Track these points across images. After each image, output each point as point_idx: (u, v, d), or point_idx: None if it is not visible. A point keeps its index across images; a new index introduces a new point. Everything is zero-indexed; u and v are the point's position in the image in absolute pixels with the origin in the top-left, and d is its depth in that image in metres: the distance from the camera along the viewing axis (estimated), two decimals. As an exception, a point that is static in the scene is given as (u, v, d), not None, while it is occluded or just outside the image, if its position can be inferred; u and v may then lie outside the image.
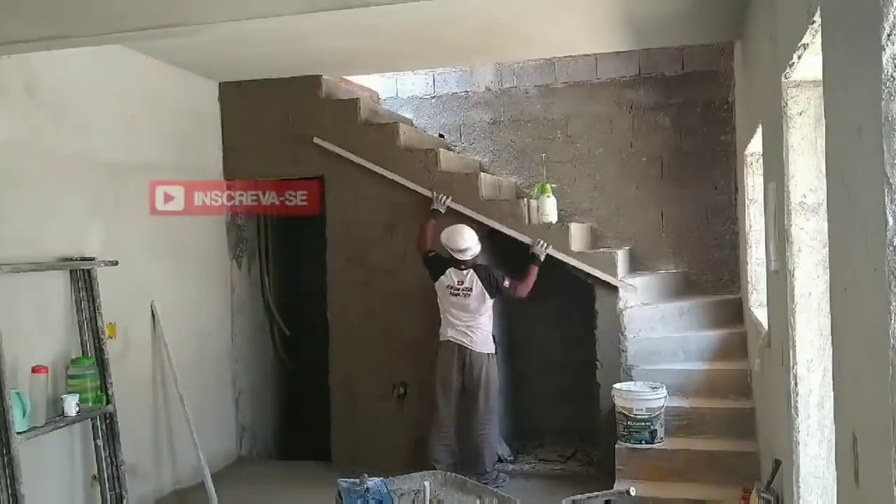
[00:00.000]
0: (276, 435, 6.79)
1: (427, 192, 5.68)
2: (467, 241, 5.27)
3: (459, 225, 5.39)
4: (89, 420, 4.51)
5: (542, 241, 5.49)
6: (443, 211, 5.61)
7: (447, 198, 5.62)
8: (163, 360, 5.27)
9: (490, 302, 5.34)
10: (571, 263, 5.54)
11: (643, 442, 4.91)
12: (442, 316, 5.40)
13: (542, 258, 5.44)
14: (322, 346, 6.06)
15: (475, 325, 5.32)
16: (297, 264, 7.05)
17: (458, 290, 5.30)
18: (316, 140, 5.88)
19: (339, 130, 5.94)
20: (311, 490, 5.28)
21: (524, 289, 5.37)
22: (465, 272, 5.29)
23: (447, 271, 5.33)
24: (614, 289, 5.46)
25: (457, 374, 5.32)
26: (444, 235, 5.33)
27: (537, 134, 6.80)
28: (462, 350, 5.31)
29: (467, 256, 5.27)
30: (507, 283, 5.32)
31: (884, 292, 1.38)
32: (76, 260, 4.53)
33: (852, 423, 1.76)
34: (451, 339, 5.34)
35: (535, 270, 5.42)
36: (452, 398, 5.36)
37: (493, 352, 5.40)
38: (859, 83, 1.55)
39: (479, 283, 5.27)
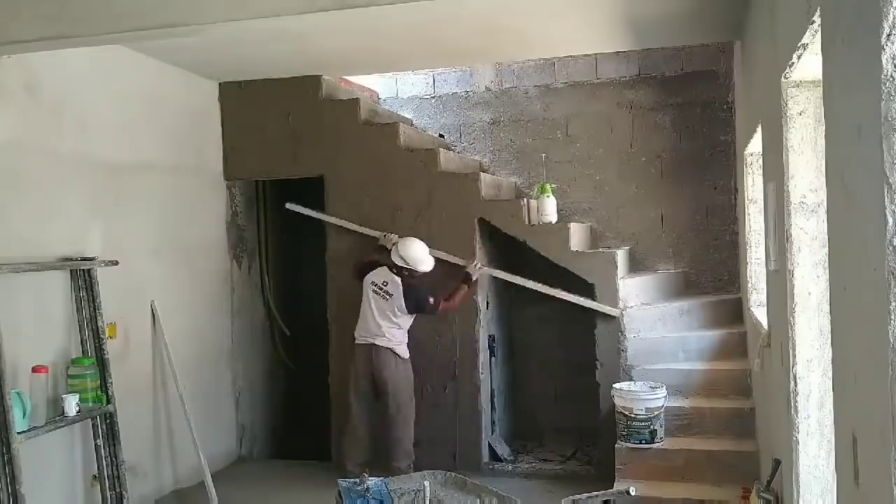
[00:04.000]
0: (276, 435, 6.79)
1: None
2: (412, 254, 5.32)
3: (416, 239, 5.45)
4: (89, 420, 4.51)
5: (477, 263, 5.54)
6: (388, 247, 5.56)
7: (394, 235, 5.62)
8: (163, 360, 5.27)
9: (407, 316, 5.36)
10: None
11: (643, 442, 4.91)
12: (361, 317, 5.42)
13: (475, 278, 5.51)
14: (322, 346, 6.06)
15: (390, 328, 5.34)
16: (297, 264, 7.05)
17: (381, 289, 5.35)
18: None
19: (339, 130, 5.95)
20: (311, 490, 5.28)
21: (449, 305, 5.41)
22: (392, 276, 5.34)
23: (377, 269, 5.40)
24: (614, 288, 5.46)
25: (367, 375, 5.36)
26: (401, 241, 5.43)
27: (537, 134, 6.80)
28: (373, 350, 5.33)
29: (400, 263, 5.32)
30: (431, 300, 5.35)
31: (883, 292, 1.38)
32: (76, 260, 4.53)
33: (852, 423, 1.76)
34: (363, 343, 5.37)
35: (463, 289, 5.46)
36: (363, 399, 5.42)
37: (405, 357, 5.39)
38: (859, 83, 1.55)
39: (401, 294, 5.30)
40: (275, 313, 6.75)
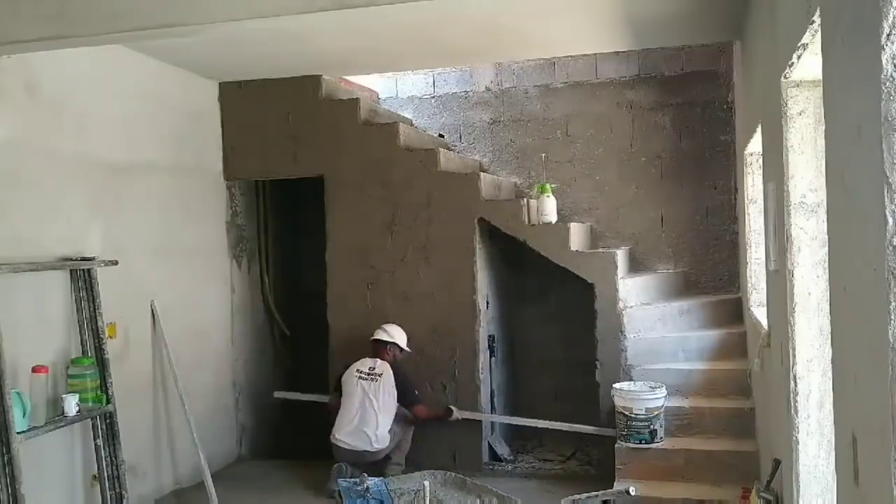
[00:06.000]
0: (276, 435, 6.78)
1: None
2: (393, 331, 5.44)
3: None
4: (89, 420, 4.51)
5: (455, 413, 5.52)
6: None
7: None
8: (163, 360, 5.27)
9: (395, 403, 5.30)
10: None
11: (643, 442, 4.91)
12: (342, 414, 5.31)
13: (452, 419, 5.51)
14: (322, 346, 6.06)
15: (376, 420, 5.21)
16: (298, 264, 7.05)
17: (369, 374, 5.29)
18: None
19: (338, 130, 5.95)
20: (311, 490, 5.28)
21: (422, 413, 5.41)
22: (377, 361, 5.35)
23: (356, 363, 5.38)
24: (614, 288, 5.46)
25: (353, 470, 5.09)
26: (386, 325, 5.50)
27: (537, 134, 6.80)
28: (357, 455, 5.20)
29: (385, 338, 5.39)
30: (416, 393, 5.41)
31: (883, 292, 1.38)
32: (76, 260, 4.53)
33: (852, 423, 1.76)
34: (340, 444, 5.24)
35: (439, 415, 5.48)
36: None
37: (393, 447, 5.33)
38: (859, 83, 1.55)
39: (391, 374, 5.29)
40: (275, 313, 6.75)
